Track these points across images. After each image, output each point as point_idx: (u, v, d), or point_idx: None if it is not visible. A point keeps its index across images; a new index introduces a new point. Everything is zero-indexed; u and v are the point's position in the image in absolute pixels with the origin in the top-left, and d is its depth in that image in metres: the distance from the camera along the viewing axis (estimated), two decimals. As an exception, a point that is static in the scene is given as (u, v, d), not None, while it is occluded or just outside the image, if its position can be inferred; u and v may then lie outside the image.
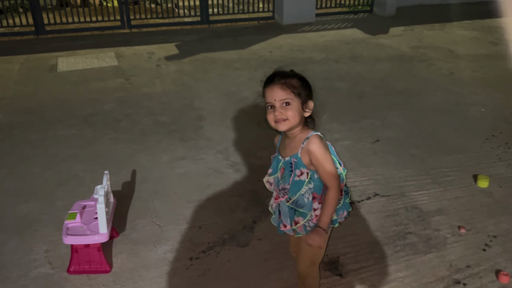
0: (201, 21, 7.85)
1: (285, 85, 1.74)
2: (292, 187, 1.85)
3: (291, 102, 1.74)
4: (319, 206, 1.84)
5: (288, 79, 1.76)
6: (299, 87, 1.76)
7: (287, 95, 1.74)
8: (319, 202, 1.84)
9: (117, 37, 7.15)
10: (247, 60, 5.95)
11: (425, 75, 5.40)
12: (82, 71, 5.51)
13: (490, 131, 3.96)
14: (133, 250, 2.58)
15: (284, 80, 1.75)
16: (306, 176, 1.81)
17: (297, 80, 1.77)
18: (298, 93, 1.75)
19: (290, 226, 1.93)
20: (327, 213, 1.81)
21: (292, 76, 1.78)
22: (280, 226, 1.97)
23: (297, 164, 1.82)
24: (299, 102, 1.76)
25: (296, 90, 1.75)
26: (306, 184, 1.82)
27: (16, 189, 3.17)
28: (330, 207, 1.80)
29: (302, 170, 1.82)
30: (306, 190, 1.84)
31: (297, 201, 1.86)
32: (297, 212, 1.88)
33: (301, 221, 1.88)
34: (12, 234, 2.70)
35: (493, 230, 2.74)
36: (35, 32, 7.14)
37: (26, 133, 3.96)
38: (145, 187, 3.20)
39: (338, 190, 1.80)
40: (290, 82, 1.75)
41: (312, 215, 1.86)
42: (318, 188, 1.84)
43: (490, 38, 6.97)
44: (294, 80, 1.76)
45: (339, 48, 6.53)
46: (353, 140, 3.82)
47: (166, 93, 4.86)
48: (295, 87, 1.75)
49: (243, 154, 3.61)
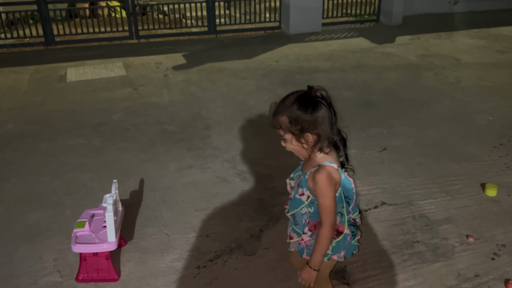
0: (208, 31, 7.92)
1: (273, 124, 1.73)
2: (292, 202, 1.86)
3: (285, 138, 1.74)
4: (308, 232, 1.82)
5: (277, 116, 1.71)
6: (286, 125, 1.69)
7: (278, 131, 1.74)
8: (309, 229, 1.82)
9: (126, 47, 7.23)
10: (254, 70, 5.99)
11: (432, 83, 5.40)
12: (90, 81, 5.58)
13: (498, 140, 3.95)
14: (141, 258, 2.60)
15: (272, 120, 1.73)
16: (306, 198, 1.80)
17: (285, 118, 1.68)
18: (288, 131, 1.71)
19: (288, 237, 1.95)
20: (318, 252, 1.76)
21: (281, 114, 1.69)
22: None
23: (301, 183, 1.81)
24: (294, 137, 1.72)
25: (285, 129, 1.71)
26: (306, 207, 1.81)
27: (25, 197, 3.20)
28: (322, 246, 1.75)
29: (303, 191, 1.80)
30: (306, 212, 1.82)
31: (295, 216, 1.86)
32: (292, 227, 1.89)
33: (294, 237, 1.88)
34: (21, 243, 2.73)
35: (501, 239, 2.72)
36: (45, 43, 7.24)
37: (35, 142, 4.01)
38: (153, 195, 3.22)
39: (331, 228, 1.73)
40: (278, 121, 1.70)
41: (303, 237, 1.85)
42: (315, 215, 1.80)
43: (497, 47, 6.97)
44: (283, 118, 1.69)
45: (346, 57, 6.56)
46: (360, 149, 3.83)
47: (174, 103, 4.90)
48: (281, 126, 1.71)
49: (250, 163, 3.62)
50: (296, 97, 1.69)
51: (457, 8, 9.39)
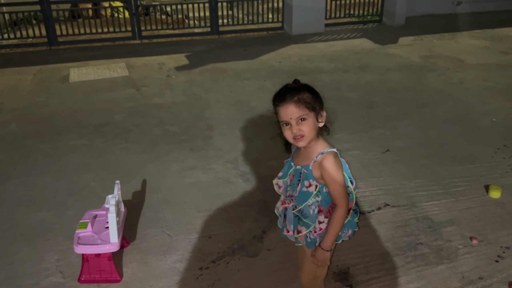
0: (211, 32, 7.92)
1: (299, 102, 1.72)
2: (299, 197, 1.85)
3: (306, 118, 1.74)
4: (324, 220, 1.84)
5: (300, 94, 1.73)
6: (312, 100, 1.75)
7: (302, 111, 1.73)
8: (325, 216, 1.84)
9: (128, 48, 7.24)
10: (257, 70, 5.98)
11: (435, 84, 5.39)
12: (93, 82, 5.58)
13: (501, 141, 3.93)
14: (143, 259, 2.59)
15: (297, 97, 1.73)
16: (314, 188, 1.81)
17: (308, 94, 1.75)
18: (312, 107, 1.74)
19: (293, 233, 1.94)
20: (331, 233, 1.81)
21: (302, 91, 1.75)
22: (284, 230, 1.98)
23: (306, 176, 1.82)
24: (314, 116, 1.76)
25: (310, 105, 1.74)
26: (313, 196, 1.82)
27: (28, 198, 3.20)
28: (336, 227, 1.80)
29: (311, 182, 1.81)
30: (313, 202, 1.83)
31: (303, 210, 1.86)
32: (301, 221, 1.89)
33: (303, 231, 1.88)
34: (23, 243, 2.73)
35: (505, 241, 2.70)
36: (48, 44, 7.26)
37: (38, 143, 4.01)
38: (155, 196, 3.21)
39: (346, 210, 1.79)
40: (303, 98, 1.73)
41: (316, 227, 1.85)
42: (325, 202, 1.83)
43: (500, 48, 6.94)
44: (306, 95, 1.74)
45: (349, 58, 6.54)
46: (363, 150, 3.81)
47: (176, 103, 4.90)
48: (309, 102, 1.74)
49: (252, 164, 3.62)
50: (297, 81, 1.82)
51: (460, 9, 9.37)
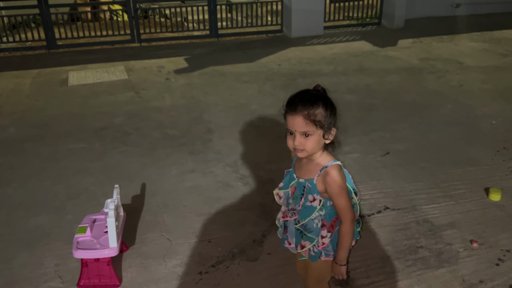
0: (210, 35, 7.92)
1: (307, 117, 1.63)
2: (303, 211, 1.81)
3: (312, 134, 1.66)
4: (327, 234, 1.81)
5: (313, 109, 1.63)
6: (323, 118, 1.65)
7: (308, 127, 1.64)
8: (328, 230, 1.81)
9: (127, 51, 7.23)
10: (256, 73, 5.98)
11: (435, 87, 5.39)
12: (92, 85, 5.57)
13: (501, 144, 3.93)
14: (142, 264, 2.58)
15: (307, 112, 1.62)
16: (318, 203, 1.78)
17: (321, 110, 1.64)
18: (320, 125, 1.65)
19: (296, 248, 1.91)
20: (343, 248, 1.80)
21: (316, 105, 1.64)
22: (285, 242, 1.96)
23: (310, 190, 1.77)
24: (321, 133, 1.67)
25: (319, 123, 1.64)
26: (317, 211, 1.79)
27: (27, 202, 3.19)
28: (346, 243, 1.79)
29: (315, 197, 1.77)
30: (316, 216, 1.80)
31: (306, 225, 1.82)
32: (304, 236, 1.85)
33: (307, 245, 1.85)
34: (22, 248, 2.71)
35: (506, 244, 2.70)
36: (47, 47, 7.25)
37: (37, 146, 4.00)
38: (155, 200, 3.20)
39: (352, 223, 1.76)
40: (314, 114, 1.63)
41: (319, 241, 1.83)
42: (328, 216, 1.80)
43: (499, 50, 6.95)
44: (318, 111, 1.64)
45: (348, 60, 6.54)
46: (362, 153, 3.81)
47: (176, 107, 4.89)
48: (319, 120, 1.64)
49: (252, 167, 3.61)
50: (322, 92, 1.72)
51: (459, 11, 9.38)
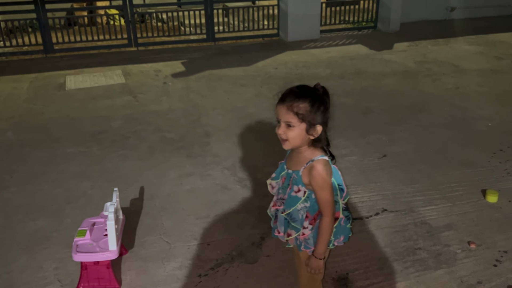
0: (207, 39, 7.94)
1: (290, 108, 1.69)
2: (288, 201, 1.87)
3: (294, 125, 1.71)
4: (308, 226, 1.85)
5: (298, 102, 1.69)
6: (306, 112, 1.69)
7: (290, 118, 1.70)
8: (309, 222, 1.85)
9: (124, 55, 7.24)
10: (253, 77, 6.00)
11: (431, 90, 5.42)
12: (90, 89, 5.58)
13: (497, 146, 3.95)
14: (142, 267, 2.58)
15: (291, 103, 1.69)
16: (303, 194, 1.82)
17: (307, 104, 1.69)
18: (302, 118, 1.70)
19: (283, 235, 1.95)
20: (322, 241, 1.83)
21: (303, 99, 1.70)
22: (275, 231, 2.00)
23: (296, 181, 1.82)
24: (303, 127, 1.72)
25: (301, 116, 1.69)
26: (302, 202, 1.83)
27: (25, 206, 3.19)
28: (325, 235, 1.82)
29: (299, 188, 1.82)
30: (302, 208, 1.84)
31: (291, 214, 1.87)
32: (290, 225, 1.90)
33: (293, 234, 1.90)
34: (21, 252, 2.71)
35: (503, 245, 2.72)
36: (44, 51, 7.25)
37: (35, 150, 4.00)
38: (153, 203, 3.21)
39: (331, 218, 1.80)
40: (298, 106, 1.69)
41: (300, 232, 1.87)
42: (312, 208, 1.84)
43: (494, 53, 7.00)
44: (303, 105, 1.69)
45: (344, 64, 6.58)
46: (360, 156, 3.82)
47: (173, 110, 4.90)
48: (301, 113, 1.69)
49: (250, 170, 3.62)
50: (315, 89, 1.74)
51: (454, 15, 9.45)
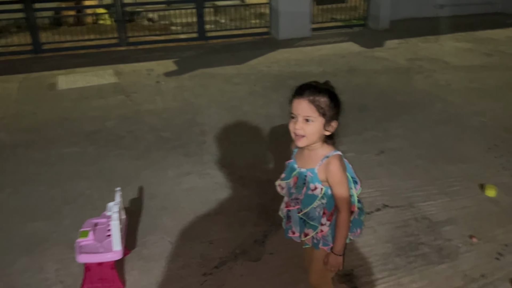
0: (198, 37, 7.91)
1: (312, 102, 1.71)
2: (305, 200, 1.85)
3: (313, 120, 1.72)
4: (326, 222, 1.84)
5: (318, 96, 1.71)
6: (327, 107, 1.72)
7: (311, 113, 1.71)
8: (327, 218, 1.84)
9: (115, 54, 7.17)
10: (246, 75, 5.99)
11: (423, 86, 5.46)
12: (82, 89, 5.51)
13: (492, 141, 4.00)
14: (145, 267, 2.56)
15: (313, 97, 1.71)
16: (320, 191, 1.81)
17: (327, 99, 1.72)
18: (323, 113, 1.72)
19: (299, 236, 1.93)
20: (340, 237, 1.82)
21: (323, 94, 1.73)
22: (289, 232, 1.97)
23: (312, 179, 1.81)
24: (322, 122, 1.74)
25: (322, 110, 1.71)
26: (319, 199, 1.82)
27: (22, 208, 3.14)
28: (343, 231, 1.82)
29: (316, 185, 1.81)
30: (318, 205, 1.83)
31: (309, 213, 1.85)
32: (307, 224, 1.88)
33: (311, 233, 1.88)
34: (21, 254, 2.67)
35: (503, 239, 2.75)
36: (33, 51, 7.15)
37: (29, 151, 3.94)
38: (153, 203, 3.18)
39: (349, 213, 1.81)
40: (319, 100, 1.71)
41: (319, 229, 1.86)
42: (329, 204, 1.84)
43: (483, 50, 7.09)
44: (323, 99, 1.72)
45: (336, 61, 6.60)
46: (357, 152, 3.84)
47: (168, 109, 4.87)
48: (322, 107, 1.71)
49: (248, 168, 3.61)
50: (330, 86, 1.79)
51: (442, 12, 9.54)
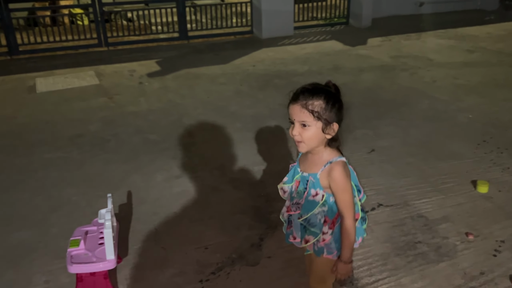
0: (179, 37, 7.79)
1: (305, 106, 1.63)
2: (305, 205, 1.78)
3: (309, 125, 1.64)
4: (328, 231, 1.78)
5: (312, 100, 1.63)
6: (322, 110, 1.63)
7: (305, 117, 1.64)
8: (329, 227, 1.78)
9: (95, 55, 7.01)
10: (231, 75, 5.91)
11: (409, 84, 5.48)
12: (62, 91, 5.35)
13: (480, 137, 4.02)
14: (139, 275, 2.46)
15: (306, 102, 1.63)
16: (321, 197, 1.75)
17: (321, 102, 1.63)
18: (318, 117, 1.63)
19: (300, 242, 1.87)
20: (347, 245, 1.76)
21: (317, 97, 1.64)
22: (290, 237, 1.91)
23: (314, 184, 1.75)
24: (320, 126, 1.65)
25: (316, 114, 1.63)
26: (320, 206, 1.76)
27: (6, 217, 3.00)
28: (350, 238, 1.76)
29: (317, 191, 1.75)
30: (319, 212, 1.77)
31: (309, 219, 1.79)
32: (308, 230, 1.82)
33: (311, 239, 1.82)
34: (6, 266, 2.54)
35: (499, 235, 2.74)
36: (8, 53, 6.93)
37: (10, 157, 3.79)
38: (143, 208, 3.08)
39: (353, 220, 1.75)
40: (313, 104, 1.63)
41: (320, 237, 1.80)
42: (331, 212, 1.77)
43: (465, 46, 7.16)
44: (317, 102, 1.63)
45: (321, 60, 6.57)
46: (348, 151, 3.80)
47: (153, 111, 4.76)
48: (317, 111, 1.63)
49: (240, 170, 3.54)
50: (327, 87, 1.69)
51: (422, 9, 9.63)
